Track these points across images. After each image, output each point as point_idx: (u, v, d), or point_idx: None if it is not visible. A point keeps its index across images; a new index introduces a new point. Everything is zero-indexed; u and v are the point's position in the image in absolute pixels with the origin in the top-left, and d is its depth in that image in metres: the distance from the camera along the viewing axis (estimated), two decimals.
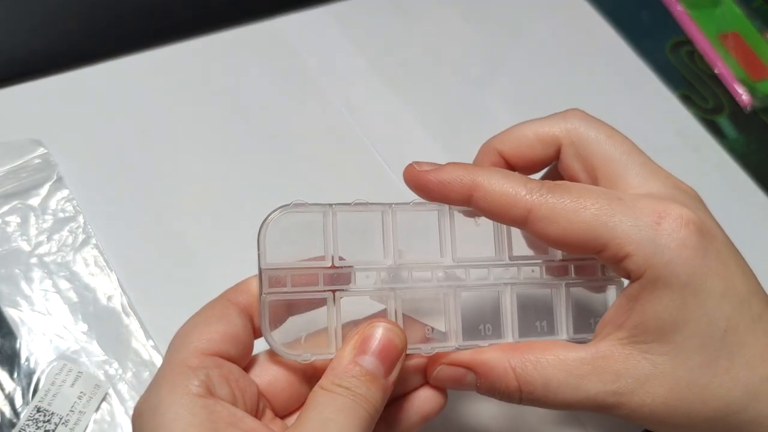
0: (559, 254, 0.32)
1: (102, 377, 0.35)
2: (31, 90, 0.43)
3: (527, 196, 0.28)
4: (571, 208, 0.28)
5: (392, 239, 0.30)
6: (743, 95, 0.59)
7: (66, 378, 0.35)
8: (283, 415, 0.31)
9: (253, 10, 0.50)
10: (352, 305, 0.30)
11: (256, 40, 0.49)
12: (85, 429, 0.34)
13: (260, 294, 0.29)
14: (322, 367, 0.29)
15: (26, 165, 0.40)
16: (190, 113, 0.45)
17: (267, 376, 0.30)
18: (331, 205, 0.30)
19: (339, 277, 0.30)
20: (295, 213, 0.29)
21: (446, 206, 0.31)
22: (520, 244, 0.32)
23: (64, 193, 0.40)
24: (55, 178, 0.40)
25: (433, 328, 0.31)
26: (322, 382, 0.28)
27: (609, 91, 0.56)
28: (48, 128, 0.41)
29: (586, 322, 0.32)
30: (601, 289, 0.34)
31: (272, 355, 0.30)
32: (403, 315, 0.30)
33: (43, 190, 0.40)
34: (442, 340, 0.31)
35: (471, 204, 0.29)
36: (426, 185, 0.30)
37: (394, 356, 0.28)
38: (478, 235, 0.32)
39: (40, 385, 0.34)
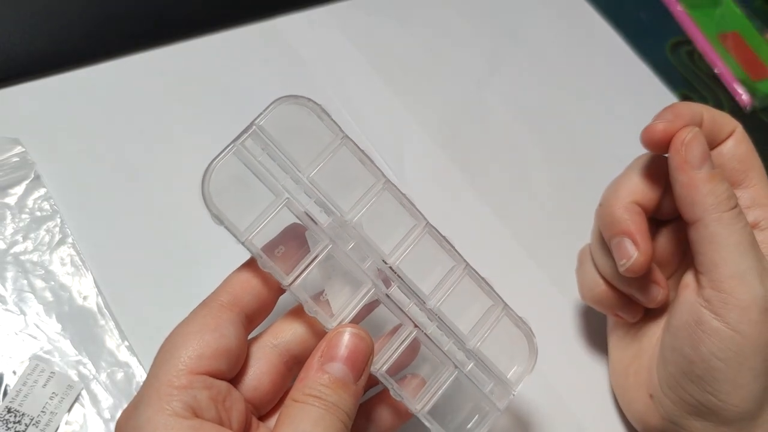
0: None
1: (75, 378, 0.34)
2: (9, 89, 0.42)
3: None
4: None
5: (363, 209, 0.30)
6: (743, 95, 0.59)
7: (38, 378, 0.34)
8: (263, 414, 0.31)
9: (253, 10, 0.50)
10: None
11: (256, 40, 0.49)
12: (57, 430, 0.33)
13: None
14: (300, 353, 0.30)
15: (3, 163, 0.39)
16: (171, 113, 0.44)
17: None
18: (345, 135, 0.30)
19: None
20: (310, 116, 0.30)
21: (423, 220, 0.32)
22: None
23: (42, 192, 0.39)
24: (32, 176, 0.39)
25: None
26: (294, 394, 0.28)
27: (609, 91, 0.56)
28: (26, 127, 0.41)
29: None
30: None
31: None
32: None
33: (20, 189, 0.39)
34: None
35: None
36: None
37: (362, 361, 0.28)
38: (427, 261, 0.32)
39: (12, 386, 0.34)
